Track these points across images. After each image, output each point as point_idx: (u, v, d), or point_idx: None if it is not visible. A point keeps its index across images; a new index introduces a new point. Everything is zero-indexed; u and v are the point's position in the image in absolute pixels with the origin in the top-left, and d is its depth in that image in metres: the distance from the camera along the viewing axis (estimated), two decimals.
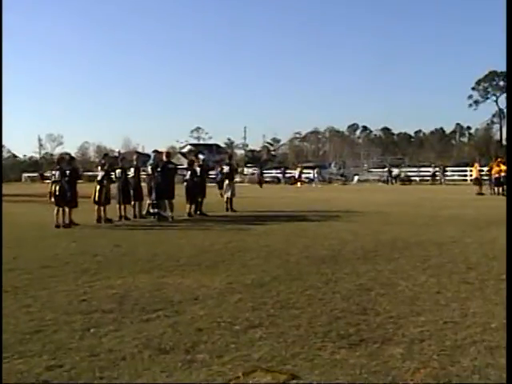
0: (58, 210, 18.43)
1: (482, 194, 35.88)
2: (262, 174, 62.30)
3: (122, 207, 20.59)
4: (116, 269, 10.74)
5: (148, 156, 23.77)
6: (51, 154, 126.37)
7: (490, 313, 7.27)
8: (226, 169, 25.60)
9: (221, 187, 25.89)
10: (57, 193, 18.64)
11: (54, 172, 19.33)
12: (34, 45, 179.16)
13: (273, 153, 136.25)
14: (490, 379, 5.05)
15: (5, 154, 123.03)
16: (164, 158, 21.36)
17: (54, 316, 7.38)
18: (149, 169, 21.00)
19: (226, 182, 24.83)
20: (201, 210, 22.56)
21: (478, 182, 37.86)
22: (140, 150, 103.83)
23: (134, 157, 24.20)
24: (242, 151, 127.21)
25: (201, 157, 25.41)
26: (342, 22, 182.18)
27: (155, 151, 22.46)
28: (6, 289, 9.04)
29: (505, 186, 35.35)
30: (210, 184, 25.09)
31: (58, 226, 18.02)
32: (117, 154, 27.64)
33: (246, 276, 9.86)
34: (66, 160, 20.52)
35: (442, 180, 58.97)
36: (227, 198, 24.32)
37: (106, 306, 7.88)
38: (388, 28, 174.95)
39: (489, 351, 5.77)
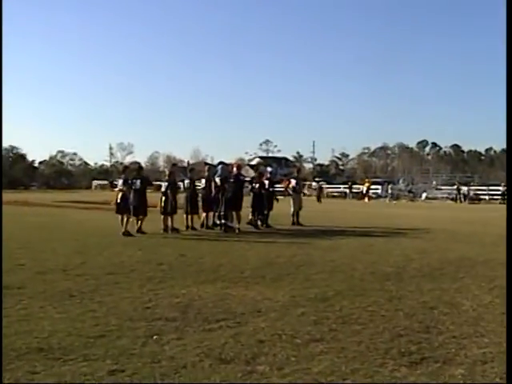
0: (122, 218, 18.78)
1: None
2: (321, 188, 61.32)
3: (190, 217, 20.78)
4: (180, 278, 10.86)
5: (215, 166, 23.98)
6: (121, 163, 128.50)
7: None
8: (293, 182, 25.61)
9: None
10: (118, 201, 19.01)
11: (118, 181, 19.71)
12: (105, 55, 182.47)
13: (341, 167, 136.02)
14: None
15: (76, 162, 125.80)
16: (235, 170, 21.48)
17: (118, 322, 7.53)
18: (217, 180, 21.10)
19: (294, 195, 24.83)
20: (267, 223, 22.63)
21: None
22: (209, 161, 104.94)
23: (206, 168, 24.41)
24: (311, 165, 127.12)
25: (268, 169, 25.51)
26: (411, 35, 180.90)
27: (221, 163, 22.70)
28: (73, 293, 9.29)
29: None
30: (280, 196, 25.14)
31: (125, 234, 18.33)
32: (186, 165, 28.01)
33: (309, 290, 9.86)
34: (131, 169, 20.83)
35: None
36: (293, 211, 24.31)
37: (169, 314, 8.00)
38: (456, 43, 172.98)
39: None
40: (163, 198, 19.91)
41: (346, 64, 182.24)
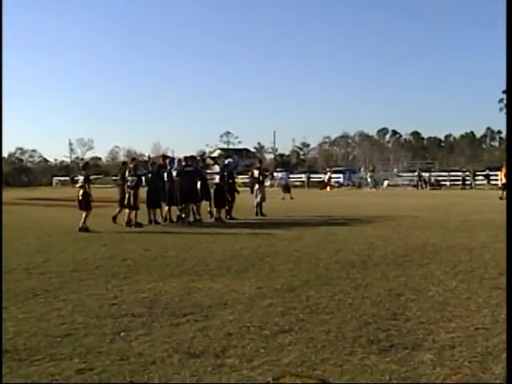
0: (86, 214, 18.74)
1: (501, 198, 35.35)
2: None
3: (152, 211, 20.67)
4: (146, 273, 10.79)
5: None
6: (82, 159, 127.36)
7: None
8: (255, 173, 25.61)
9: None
10: (80, 198, 18.94)
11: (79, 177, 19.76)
12: (65, 47, 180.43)
13: (302, 157, 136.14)
14: None
15: (36, 159, 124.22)
16: (183, 163, 21.45)
17: (84, 320, 7.44)
18: (174, 173, 20.95)
19: (256, 186, 24.82)
20: (230, 215, 22.59)
21: (505, 186, 37.28)
22: (170, 154, 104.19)
23: (167, 161, 24.17)
24: (272, 155, 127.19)
25: (226, 161, 25.49)
26: (370, 25, 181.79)
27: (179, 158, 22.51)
28: (37, 292, 9.17)
29: None
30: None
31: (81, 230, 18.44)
32: (147, 159, 27.78)
33: (275, 281, 9.86)
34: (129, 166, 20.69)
35: (473, 185, 58.50)
36: (257, 202, 24.30)
37: (135, 310, 7.93)
38: (417, 30, 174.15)
39: None
40: (132, 192, 19.78)
41: (304, 52, 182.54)
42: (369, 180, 61.84)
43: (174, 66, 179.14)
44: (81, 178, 19.60)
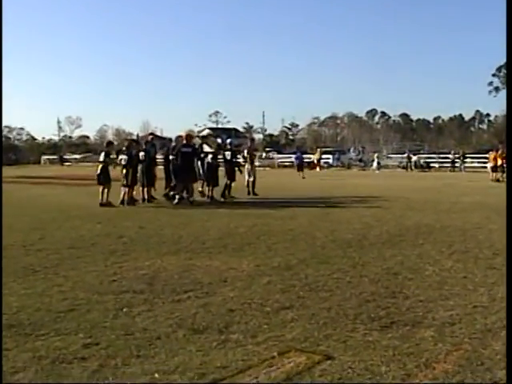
0: (103, 190, 19.67)
1: (499, 180, 35.71)
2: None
3: (145, 190, 20.72)
4: (143, 250, 10.84)
5: (164, 139, 23.67)
6: (70, 137, 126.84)
7: None
8: (245, 153, 25.54)
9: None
10: (98, 172, 20.06)
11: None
12: (53, 24, 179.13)
13: (291, 137, 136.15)
14: None
15: (24, 137, 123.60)
16: (183, 141, 21.17)
17: (86, 295, 7.50)
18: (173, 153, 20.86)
19: (247, 166, 24.79)
20: (229, 194, 22.64)
21: (495, 168, 37.55)
22: (159, 133, 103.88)
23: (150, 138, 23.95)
24: (261, 135, 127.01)
25: (228, 140, 25.46)
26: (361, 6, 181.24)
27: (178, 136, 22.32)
28: (36, 268, 9.22)
29: None
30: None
31: (103, 205, 19.32)
32: (135, 137, 27.72)
33: (272, 259, 9.94)
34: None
35: (462, 167, 58.66)
36: (248, 181, 24.32)
37: (136, 286, 7.99)
38: (407, 12, 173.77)
39: None
40: (124, 171, 19.89)
41: (294, 32, 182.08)
42: (375, 162, 61.48)
43: (164, 44, 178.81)
44: (102, 155, 20.37)
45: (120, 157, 20.43)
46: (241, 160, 25.40)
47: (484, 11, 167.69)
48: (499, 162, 37.67)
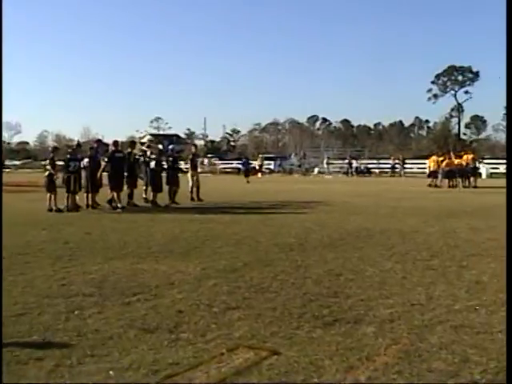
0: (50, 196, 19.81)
1: (437, 186, 36.56)
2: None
3: (89, 196, 20.71)
4: (89, 255, 10.95)
5: (108, 145, 23.68)
6: (8, 143, 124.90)
7: (453, 296, 7.69)
8: (189, 159, 25.87)
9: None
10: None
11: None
12: None
13: (232, 143, 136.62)
14: (456, 354, 5.43)
15: None
16: (112, 148, 21.37)
17: (36, 299, 7.60)
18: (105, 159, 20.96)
19: (191, 172, 25.04)
20: (173, 200, 22.81)
21: (434, 174, 38.36)
22: (100, 139, 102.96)
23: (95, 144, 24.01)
24: (202, 142, 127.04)
25: (170, 147, 25.67)
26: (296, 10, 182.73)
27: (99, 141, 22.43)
28: None
29: (458, 180, 36.37)
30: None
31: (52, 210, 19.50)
32: (75, 143, 27.61)
33: (218, 262, 10.16)
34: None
35: (402, 172, 59.75)
36: (191, 187, 24.55)
37: (85, 290, 8.12)
38: (347, 17, 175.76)
39: (454, 330, 6.18)
40: (67, 177, 19.93)
41: (231, 38, 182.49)
42: (325, 166, 62.20)
43: (102, 49, 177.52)
44: (47, 161, 20.66)
45: (67, 163, 20.36)
46: (183, 166, 25.65)
47: (424, 18, 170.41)
48: (436, 166, 38.54)
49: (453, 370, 5.05)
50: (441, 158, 38.96)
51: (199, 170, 27.65)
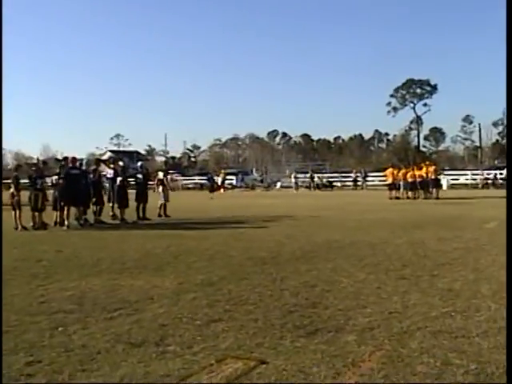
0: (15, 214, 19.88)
1: (398, 198, 37.11)
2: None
3: (58, 213, 20.66)
4: (65, 273, 10.96)
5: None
6: None
7: (428, 304, 7.90)
8: (160, 175, 26.05)
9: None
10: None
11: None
12: None
13: (193, 159, 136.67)
14: (437, 357, 5.63)
15: None
16: (69, 164, 21.06)
17: (17, 317, 7.59)
18: (54, 178, 20.94)
19: (160, 188, 25.21)
20: (144, 216, 22.92)
21: (394, 186, 38.82)
22: (59, 157, 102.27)
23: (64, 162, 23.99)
24: (163, 158, 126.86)
25: (139, 163, 25.84)
26: (261, 24, 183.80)
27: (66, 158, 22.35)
28: None
29: (420, 191, 37.01)
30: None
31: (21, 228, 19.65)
32: (35, 161, 27.59)
33: (194, 276, 10.26)
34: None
35: (364, 185, 60.34)
36: (160, 203, 24.67)
37: (66, 306, 8.15)
38: (309, 32, 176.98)
39: (433, 335, 6.38)
40: (40, 195, 19.88)
41: (190, 56, 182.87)
42: (293, 181, 62.45)
43: (63, 66, 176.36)
44: (12, 179, 20.63)
45: (33, 181, 20.29)
46: (153, 182, 25.86)
47: (383, 32, 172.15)
48: (392, 178, 39.08)
49: (436, 372, 5.24)
50: (403, 171, 39.57)
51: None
